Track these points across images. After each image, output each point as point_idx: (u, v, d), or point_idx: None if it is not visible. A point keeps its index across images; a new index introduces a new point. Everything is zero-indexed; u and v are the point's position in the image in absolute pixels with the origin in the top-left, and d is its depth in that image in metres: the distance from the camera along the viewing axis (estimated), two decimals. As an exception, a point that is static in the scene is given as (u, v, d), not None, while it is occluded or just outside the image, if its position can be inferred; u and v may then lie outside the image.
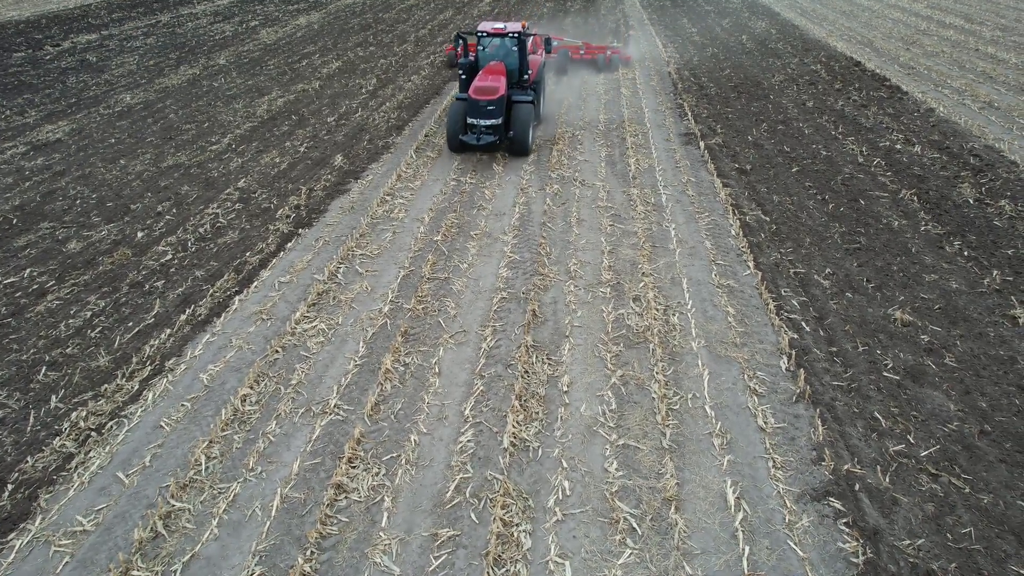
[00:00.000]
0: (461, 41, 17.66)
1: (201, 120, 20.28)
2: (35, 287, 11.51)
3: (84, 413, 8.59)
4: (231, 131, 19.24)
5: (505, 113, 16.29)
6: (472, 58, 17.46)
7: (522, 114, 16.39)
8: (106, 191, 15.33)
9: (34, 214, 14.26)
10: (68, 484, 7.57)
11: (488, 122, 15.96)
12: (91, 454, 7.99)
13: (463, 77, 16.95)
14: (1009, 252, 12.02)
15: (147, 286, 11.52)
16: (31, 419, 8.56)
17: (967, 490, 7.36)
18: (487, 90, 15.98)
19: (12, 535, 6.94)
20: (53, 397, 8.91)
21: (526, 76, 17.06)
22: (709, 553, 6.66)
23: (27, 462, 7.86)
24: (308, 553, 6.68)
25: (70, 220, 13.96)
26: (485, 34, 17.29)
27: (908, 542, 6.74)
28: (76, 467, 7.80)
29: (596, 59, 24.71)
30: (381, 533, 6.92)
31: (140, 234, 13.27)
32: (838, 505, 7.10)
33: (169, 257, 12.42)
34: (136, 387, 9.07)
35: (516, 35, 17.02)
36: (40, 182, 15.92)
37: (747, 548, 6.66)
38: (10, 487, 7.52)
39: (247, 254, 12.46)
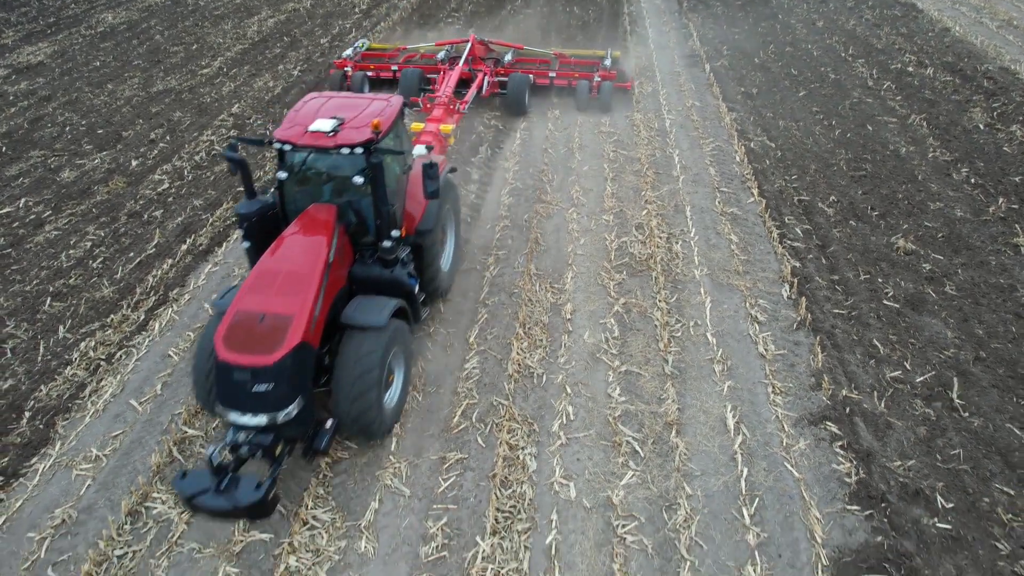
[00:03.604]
0: (236, 167, 7.46)
1: (189, 42, 19.52)
2: (32, 217, 11.39)
3: (92, 343, 8.69)
4: (221, 54, 18.56)
5: (324, 359, 7.01)
6: (274, 195, 7.68)
7: (361, 363, 6.70)
8: (95, 117, 14.92)
9: (23, 142, 13.94)
10: (83, 412, 7.75)
11: (255, 420, 6.11)
12: (103, 383, 8.13)
13: (248, 245, 7.50)
14: (1016, 179, 11.90)
15: (145, 216, 11.40)
16: (41, 349, 8.66)
17: (959, 414, 7.58)
18: (254, 337, 6.17)
19: (35, 459, 7.17)
20: (60, 328, 8.98)
21: (395, 235, 7.41)
22: (708, 474, 6.92)
23: (41, 390, 8.01)
24: (320, 476, 6.91)
25: (61, 148, 13.66)
26: (291, 147, 7.08)
27: (899, 463, 7.00)
28: (89, 395, 7.95)
29: (576, 87, 14.72)
30: (391, 457, 7.14)
31: (134, 162, 13.02)
32: (834, 429, 7.32)
33: (166, 186, 12.23)
34: (142, 317, 9.14)
35: (360, 150, 6.91)
36: (26, 108, 15.48)
37: (745, 470, 6.91)
38: (27, 415, 7.70)
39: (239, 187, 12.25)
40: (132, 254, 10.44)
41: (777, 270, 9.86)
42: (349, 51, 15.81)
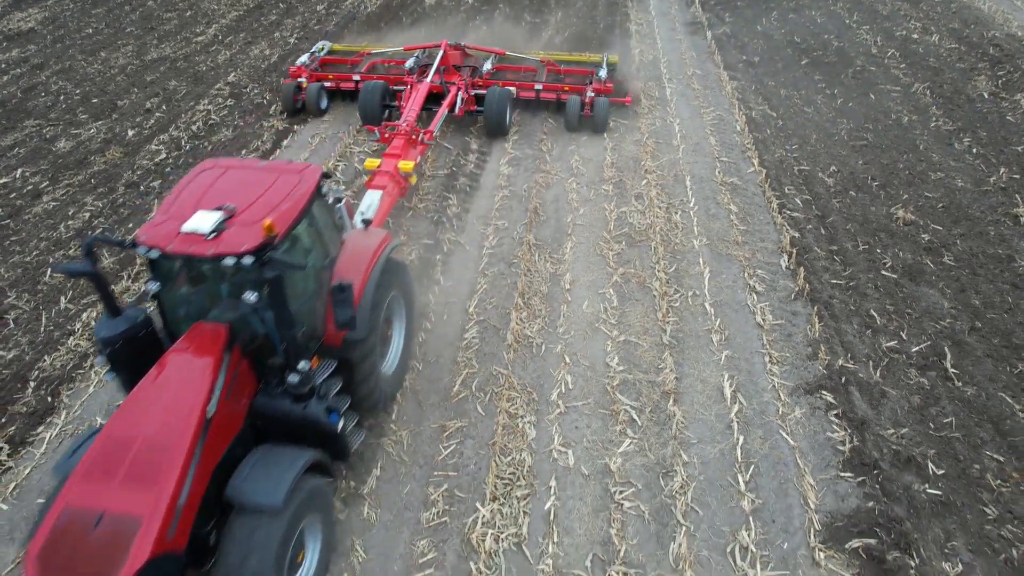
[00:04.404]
0: (91, 280, 5.62)
1: (183, 8, 19.19)
2: (29, 188, 11.35)
3: (94, 314, 8.74)
4: (216, 20, 18.27)
5: (209, 537, 5.30)
6: (148, 308, 6.54)
7: (249, 547, 4.97)
8: (90, 86, 14.76)
9: (17, 111, 13.81)
10: (87, 381, 7.83)
11: None
12: (106, 353, 8.19)
13: (113, 377, 5.85)
14: (1019, 149, 11.82)
15: (143, 187, 11.36)
16: (43, 320, 8.71)
17: (952, 383, 7.66)
18: (81, 556, 4.35)
19: (41, 428, 7.29)
20: (62, 299, 9.02)
21: (304, 367, 5.49)
22: (705, 442, 7.03)
23: (45, 361, 8.09)
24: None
25: (56, 117, 13.54)
26: (160, 254, 5.21)
27: (892, 431, 7.11)
28: (92, 366, 8.02)
29: (566, 102, 12.54)
30: (392, 425, 7.24)
31: (131, 132, 12.92)
32: (830, 398, 7.41)
33: (163, 156, 12.16)
34: (143, 288, 9.17)
35: (249, 259, 5.10)
36: (19, 76, 15.30)
37: (741, 438, 7.03)
38: (32, 384, 7.79)
39: (243, 152, 12.19)
40: (131, 225, 10.42)
41: (776, 240, 9.87)
42: (305, 57, 13.64)
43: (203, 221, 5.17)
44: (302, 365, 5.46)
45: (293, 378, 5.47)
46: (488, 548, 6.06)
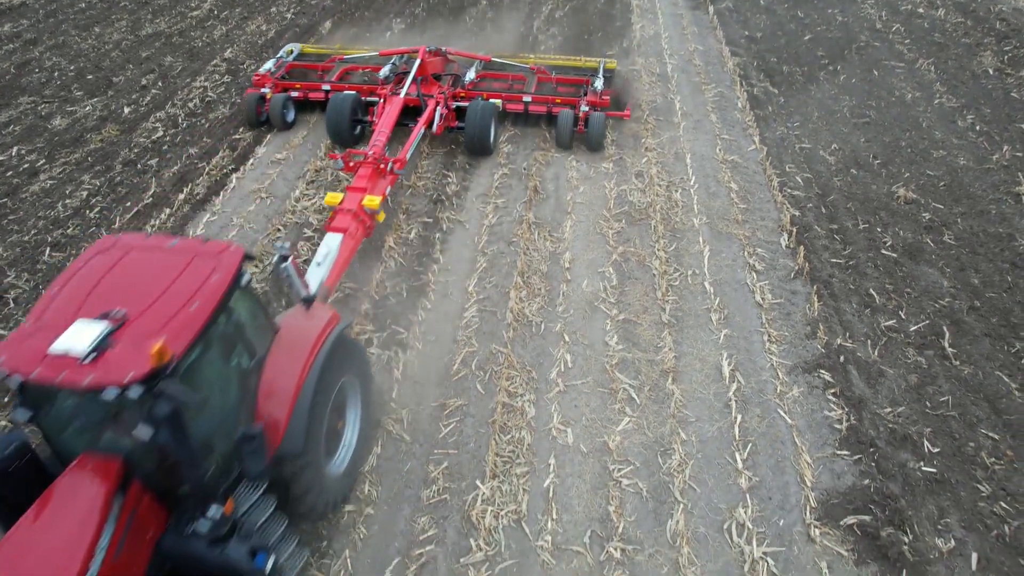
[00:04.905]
0: None
1: (176, -19, 18.87)
2: (26, 166, 11.27)
3: (94, 292, 8.74)
4: (210, -6, 17.99)
5: None
6: (21, 434, 5.05)
7: None
8: (84, 62, 14.58)
9: (11, 87, 13.66)
10: (88, 360, 7.84)
11: None
12: (106, 332, 8.20)
13: None
14: (1023, 126, 11.73)
15: (140, 165, 11.28)
16: (43, 298, 8.71)
17: (950, 362, 7.70)
18: None
19: (42, 407, 7.30)
20: (61, 277, 9.02)
21: (215, 514, 4.52)
22: (703, 421, 7.08)
23: (45, 340, 8.10)
24: (325, 422, 7.06)
25: (51, 94, 13.40)
26: (23, 382, 4.04)
27: (889, 410, 7.16)
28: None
29: (557, 116, 11.26)
30: (392, 404, 7.28)
31: (127, 110, 12.79)
32: (827, 377, 7.45)
33: (160, 134, 12.06)
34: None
35: (134, 392, 3.88)
36: (12, 52, 15.10)
37: (739, 416, 7.08)
38: (33, 363, 7.81)
39: (240, 130, 12.09)
40: (129, 204, 10.37)
41: (776, 219, 9.84)
42: (270, 63, 12.28)
43: (80, 337, 3.98)
44: (212, 511, 4.44)
45: (203, 525, 4.48)
46: (488, 525, 6.14)
